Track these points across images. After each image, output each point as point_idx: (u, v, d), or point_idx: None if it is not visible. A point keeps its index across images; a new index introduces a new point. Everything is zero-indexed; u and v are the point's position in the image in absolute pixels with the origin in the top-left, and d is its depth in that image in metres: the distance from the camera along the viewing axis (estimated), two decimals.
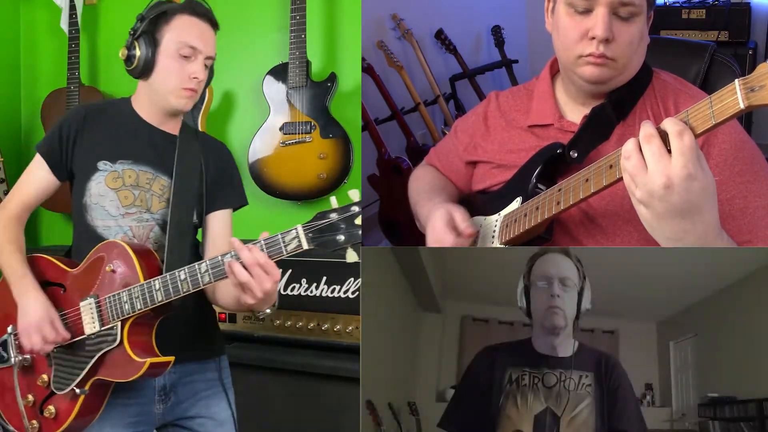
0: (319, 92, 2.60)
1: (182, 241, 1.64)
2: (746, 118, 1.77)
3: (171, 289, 1.46)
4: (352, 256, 1.35)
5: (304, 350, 2.19)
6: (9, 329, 1.62)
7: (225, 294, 1.62)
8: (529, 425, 1.31)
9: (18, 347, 1.60)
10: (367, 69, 2.99)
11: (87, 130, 1.64)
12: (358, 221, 1.34)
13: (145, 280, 1.50)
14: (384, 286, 2.10)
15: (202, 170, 1.68)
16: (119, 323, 1.50)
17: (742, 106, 0.96)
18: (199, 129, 2.72)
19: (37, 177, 1.68)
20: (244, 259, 1.36)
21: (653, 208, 1.05)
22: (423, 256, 2.15)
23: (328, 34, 2.77)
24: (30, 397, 1.60)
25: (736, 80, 0.97)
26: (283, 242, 1.37)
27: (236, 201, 1.77)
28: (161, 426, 1.69)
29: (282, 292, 2.22)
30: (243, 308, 1.52)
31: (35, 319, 1.54)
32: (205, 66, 1.62)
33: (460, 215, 1.42)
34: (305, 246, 1.37)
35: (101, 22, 3.23)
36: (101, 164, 1.62)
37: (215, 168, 1.72)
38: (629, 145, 1.07)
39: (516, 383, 1.34)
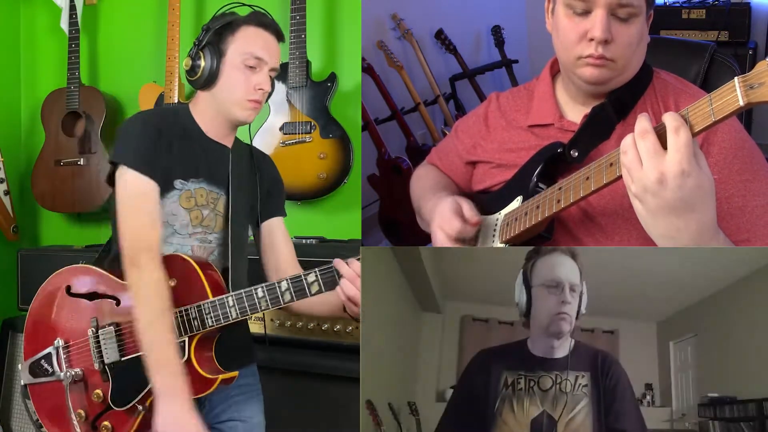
0: (319, 92, 2.60)
1: (242, 257, 1.64)
2: (746, 117, 1.77)
3: (247, 307, 1.45)
4: None
5: (304, 350, 2.19)
6: (56, 342, 1.57)
7: (317, 304, 1.58)
8: (526, 430, 1.30)
9: (68, 361, 1.57)
10: (367, 69, 2.99)
11: (167, 142, 1.55)
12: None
13: (212, 296, 1.48)
14: (384, 286, 2.10)
15: (256, 183, 1.69)
16: (186, 339, 1.48)
17: (741, 103, 0.97)
18: None
19: (149, 195, 1.50)
20: (345, 274, 1.41)
21: (647, 203, 1.05)
22: (423, 256, 2.15)
23: (328, 34, 2.77)
24: (81, 413, 1.55)
25: (736, 78, 0.97)
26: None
27: (283, 211, 1.80)
28: None
29: None
30: (342, 316, 1.54)
31: None
32: (270, 76, 1.60)
33: (467, 205, 1.43)
34: None
35: (101, 22, 3.23)
36: (177, 183, 1.56)
37: (269, 180, 1.75)
38: (627, 140, 1.07)
39: (512, 387, 1.33)
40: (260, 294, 1.44)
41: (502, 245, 1.41)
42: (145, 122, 1.56)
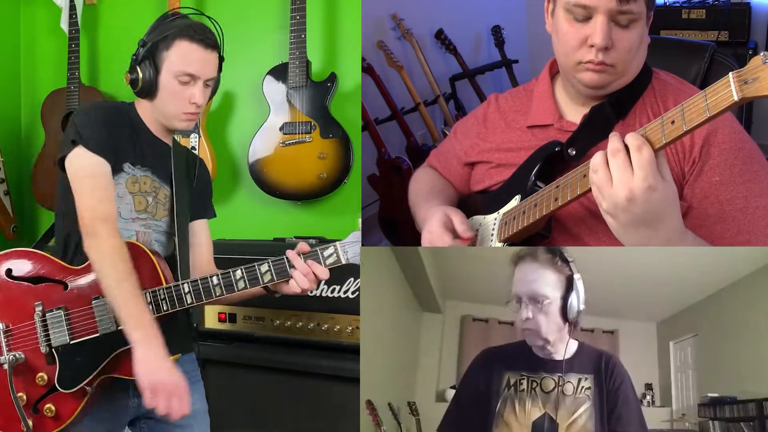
0: (319, 92, 2.60)
1: (186, 247, 1.72)
2: (746, 118, 1.77)
3: (202, 293, 1.55)
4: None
5: (304, 350, 2.19)
6: None
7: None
8: (527, 431, 1.30)
9: (8, 344, 1.57)
10: (367, 69, 2.99)
11: (116, 128, 1.65)
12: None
13: (165, 283, 1.55)
14: (384, 286, 2.10)
15: (192, 183, 1.78)
16: None
17: (736, 98, 0.98)
18: (200, 128, 2.73)
19: (105, 173, 1.58)
20: (298, 267, 1.54)
21: (618, 218, 1.11)
22: (423, 256, 2.15)
23: (328, 34, 2.77)
24: (22, 396, 1.56)
25: (730, 73, 0.99)
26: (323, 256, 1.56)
27: (212, 213, 1.89)
28: (134, 419, 1.72)
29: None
30: (262, 294, 1.64)
31: (172, 383, 1.47)
32: (206, 85, 1.66)
33: (458, 218, 1.43)
34: (343, 261, 1.56)
35: (101, 22, 3.23)
36: (126, 166, 1.63)
37: (200, 180, 1.82)
38: (597, 159, 1.12)
39: (514, 388, 1.33)
40: (215, 281, 1.55)
41: (500, 244, 1.41)
42: (101, 108, 1.69)
